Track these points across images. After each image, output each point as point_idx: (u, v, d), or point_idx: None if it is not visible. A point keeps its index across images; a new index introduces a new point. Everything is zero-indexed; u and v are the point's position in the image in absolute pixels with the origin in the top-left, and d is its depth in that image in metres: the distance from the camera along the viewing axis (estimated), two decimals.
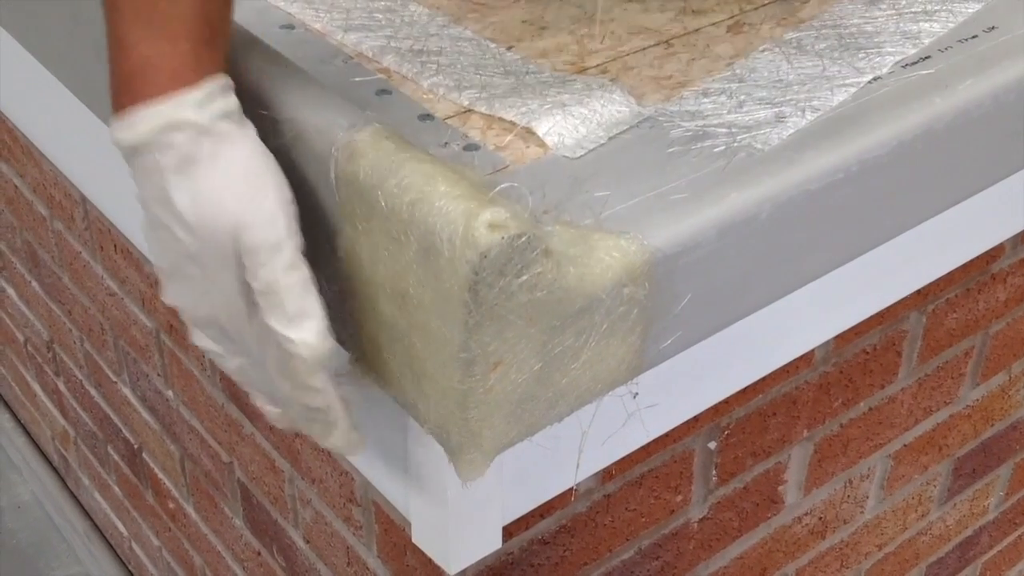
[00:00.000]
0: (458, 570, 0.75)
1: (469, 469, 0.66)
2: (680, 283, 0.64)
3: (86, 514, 1.72)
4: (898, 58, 0.77)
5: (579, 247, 0.61)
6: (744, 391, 0.90)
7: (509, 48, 0.79)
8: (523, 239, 0.56)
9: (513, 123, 0.71)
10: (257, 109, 0.63)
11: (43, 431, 1.76)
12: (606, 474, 0.85)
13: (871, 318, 0.95)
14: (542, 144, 0.69)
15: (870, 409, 1.05)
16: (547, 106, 0.71)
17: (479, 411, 0.62)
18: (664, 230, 0.63)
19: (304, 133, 0.62)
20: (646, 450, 0.86)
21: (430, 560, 0.82)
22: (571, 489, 0.83)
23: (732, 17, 0.83)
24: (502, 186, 0.61)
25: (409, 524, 0.80)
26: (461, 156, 0.68)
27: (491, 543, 0.75)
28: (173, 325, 1.09)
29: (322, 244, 0.64)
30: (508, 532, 0.79)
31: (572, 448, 0.74)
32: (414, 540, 0.77)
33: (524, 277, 0.57)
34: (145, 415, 1.29)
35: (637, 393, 0.70)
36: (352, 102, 0.65)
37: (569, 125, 0.70)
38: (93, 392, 1.43)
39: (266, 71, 0.66)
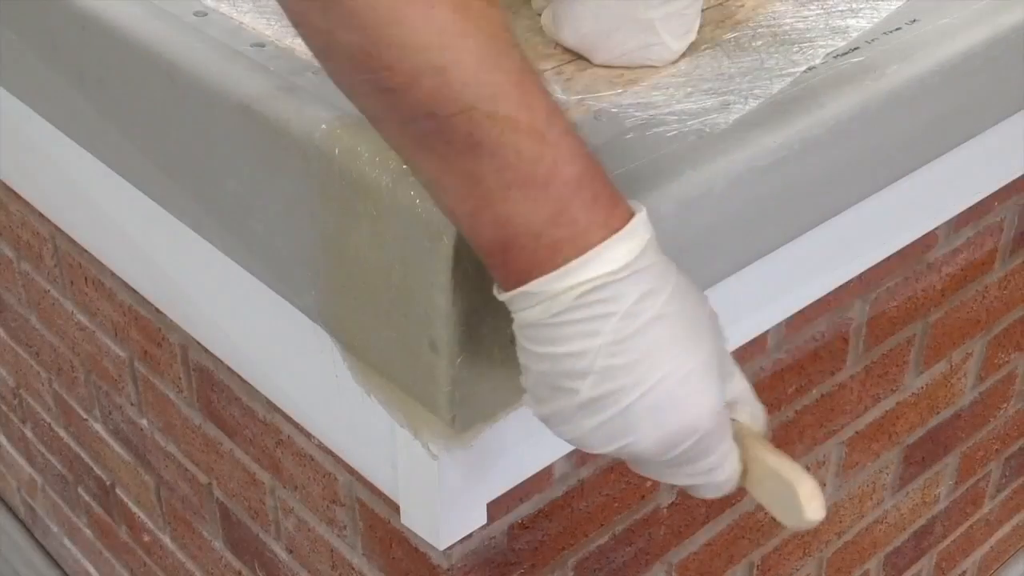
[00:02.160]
0: (447, 545, 0.78)
1: (455, 442, 0.70)
2: None
3: (55, 563, 1.72)
4: (829, 50, 0.84)
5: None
6: None
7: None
8: None
9: None
10: (246, 107, 0.67)
11: (8, 483, 1.77)
12: (580, 459, 0.89)
13: (818, 305, 1.01)
14: None
15: (822, 396, 1.11)
16: None
17: (463, 386, 0.66)
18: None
19: (288, 126, 0.67)
20: None
21: (415, 549, 0.85)
22: (549, 472, 0.87)
23: None
24: None
25: (395, 514, 0.83)
26: None
27: (477, 519, 0.79)
28: (148, 351, 1.12)
29: (305, 229, 0.68)
30: (491, 516, 0.83)
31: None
32: (403, 522, 0.80)
33: None
34: (118, 448, 1.31)
35: None
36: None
37: None
38: (62, 433, 1.45)
39: (251, 77, 0.70)
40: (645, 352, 0.55)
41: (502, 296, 0.57)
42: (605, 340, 0.55)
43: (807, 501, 0.61)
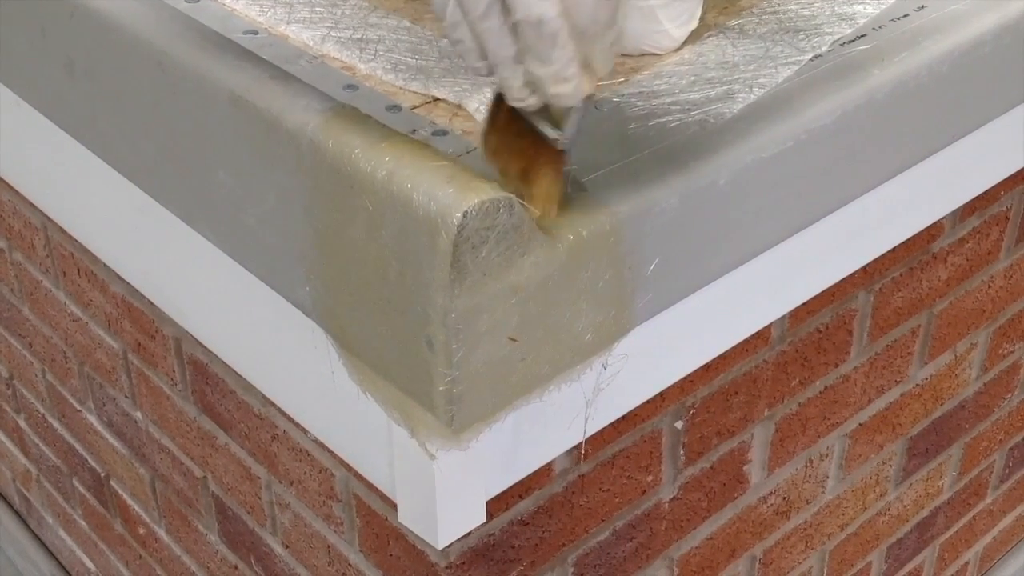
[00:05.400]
0: (446, 544, 0.77)
1: (452, 442, 0.68)
2: (648, 247, 0.67)
3: (51, 554, 1.71)
4: (836, 37, 0.82)
5: (551, 215, 0.64)
6: (707, 370, 0.93)
7: (446, 36, 0.82)
8: (499, 204, 0.59)
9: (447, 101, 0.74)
10: (237, 97, 0.65)
11: (3, 473, 1.75)
12: (580, 454, 0.88)
13: (822, 296, 0.99)
14: None
15: (826, 388, 1.09)
16: (478, 85, 0.75)
17: (461, 385, 0.65)
18: (630, 198, 0.66)
19: (280, 117, 0.65)
20: (617, 429, 0.89)
21: (412, 546, 0.84)
22: (548, 468, 0.85)
23: None
24: (474, 163, 0.64)
25: (392, 511, 0.82)
26: (431, 141, 0.71)
27: (476, 517, 0.78)
28: (141, 343, 1.11)
29: (298, 224, 0.67)
30: (490, 513, 0.81)
31: (549, 424, 0.77)
32: (400, 520, 0.79)
33: (500, 242, 0.60)
34: (112, 441, 1.29)
35: (606, 366, 0.73)
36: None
37: None
38: (56, 424, 1.43)
39: (242, 66, 0.68)
40: None
41: None
42: None
43: None
